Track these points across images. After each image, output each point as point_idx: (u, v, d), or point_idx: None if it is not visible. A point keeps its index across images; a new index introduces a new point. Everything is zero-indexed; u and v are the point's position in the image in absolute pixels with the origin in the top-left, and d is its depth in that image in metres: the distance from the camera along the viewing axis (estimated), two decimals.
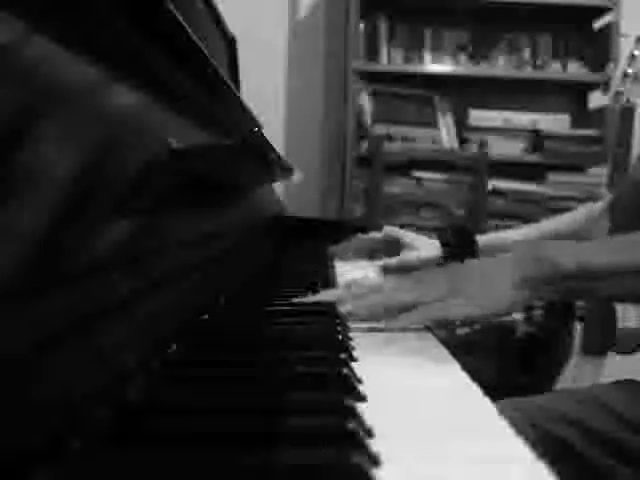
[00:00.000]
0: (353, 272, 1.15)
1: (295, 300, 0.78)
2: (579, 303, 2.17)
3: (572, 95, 2.96)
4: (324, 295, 0.79)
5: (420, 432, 0.40)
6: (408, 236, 1.27)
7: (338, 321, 0.68)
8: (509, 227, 2.56)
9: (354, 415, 0.39)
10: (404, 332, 0.68)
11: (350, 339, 0.63)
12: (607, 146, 2.62)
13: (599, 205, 1.17)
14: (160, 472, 0.33)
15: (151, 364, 0.49)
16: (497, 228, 2.42)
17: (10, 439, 0.30)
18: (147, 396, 0.43)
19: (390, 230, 1.32)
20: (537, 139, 2.81)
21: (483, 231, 1.32)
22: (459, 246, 1.20)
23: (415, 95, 2.85)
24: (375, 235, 1.35)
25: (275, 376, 0.48)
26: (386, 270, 1.21)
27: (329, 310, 0.71)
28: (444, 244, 1.22)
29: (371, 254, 1.35)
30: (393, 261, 1.24)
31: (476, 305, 0.69)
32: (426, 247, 1.24)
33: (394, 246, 1.28)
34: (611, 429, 0.82)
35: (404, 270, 1.25)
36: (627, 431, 0.82)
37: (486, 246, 1.20)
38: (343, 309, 0.72)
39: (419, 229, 1.35)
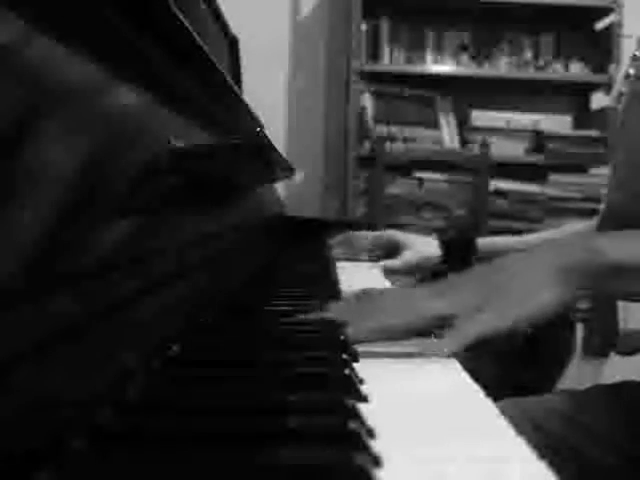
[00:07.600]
0: (355, 275, 1.15)
1: (300, 317, 0.68)
2: (580, 304, 2.17)
3: (574, 96, 2.96)
4: (329, 313, 0.67)
5: (422, 432, 0.40)
6: (405, 236, 1.27)
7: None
8: (510, 228, 2.56)
9: (356, 415, 0.39)
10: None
11: None
12: (609, 147, 2.62)
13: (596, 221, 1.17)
14: (160, 472, 0.32)
15: (152, 364, 0.49)
16: (498, 229, 2.42)
17: (10, 439, 0.30)
18: (147, 396, 0.43)
19: (386, 233, 1.32)
20: (539, 140, 2.81)
21: (484, 232, 1.32)
22: (459, 250, 1.20)
23: (417, 95, 2.85)
24: (369, 234, 1.35)
25: (276, 376, 0.48)
26: (389, 271, 1.21)
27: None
28: (446, 246, 1.22)
29: (369, 253, 1.34)
30: (396, 262, 1.24)
31: (508, 315, 0.59)
32: (424, 246, 1.23)
33: (393, 247, 1.27)
34: (612, 430, 0.82)
35: (408, 271, 1.25)
36: (628, 432, 0.82)
37: (484, 252, 1.20)
38: (353, 332, 0.60)
39: (420, 229, 1.36)
